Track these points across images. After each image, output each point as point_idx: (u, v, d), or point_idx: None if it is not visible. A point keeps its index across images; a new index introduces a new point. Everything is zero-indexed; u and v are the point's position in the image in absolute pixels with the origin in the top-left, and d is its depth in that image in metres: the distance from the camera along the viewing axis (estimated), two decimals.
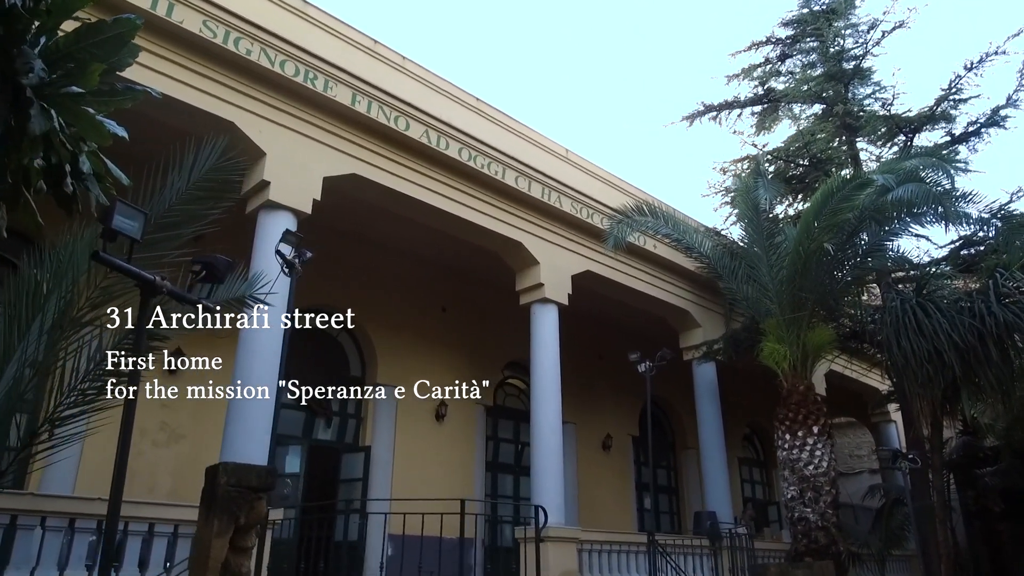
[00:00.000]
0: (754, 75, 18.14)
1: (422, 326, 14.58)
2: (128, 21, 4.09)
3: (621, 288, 14.75)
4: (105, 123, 4.43)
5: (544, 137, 14.01)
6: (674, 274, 15.49)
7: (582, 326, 17.27)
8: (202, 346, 10.56)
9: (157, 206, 4.97)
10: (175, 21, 8.83)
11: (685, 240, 13.14)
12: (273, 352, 9.08)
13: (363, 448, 13.23)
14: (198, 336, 10.60)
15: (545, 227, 13.03)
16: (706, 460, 15.59)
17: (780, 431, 12.12)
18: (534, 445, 12.31)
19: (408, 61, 11.95)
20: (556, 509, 11.79)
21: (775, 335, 12.31)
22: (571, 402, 17.35)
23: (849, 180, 10.89)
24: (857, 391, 21.16)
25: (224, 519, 4.98)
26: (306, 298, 13.12)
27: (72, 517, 7.88)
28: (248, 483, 5.13)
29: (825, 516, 11.39)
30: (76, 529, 7.76)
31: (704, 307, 16.07)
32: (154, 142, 6.45)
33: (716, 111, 18.22)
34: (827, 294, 12.23)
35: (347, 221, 12.95)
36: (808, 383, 12.18)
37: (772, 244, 12.17)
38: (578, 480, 16.80)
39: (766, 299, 12.54)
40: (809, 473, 11.58)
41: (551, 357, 12.69)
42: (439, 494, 13.83)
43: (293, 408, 13.01)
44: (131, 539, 7.75)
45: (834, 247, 11.02)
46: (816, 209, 11.40)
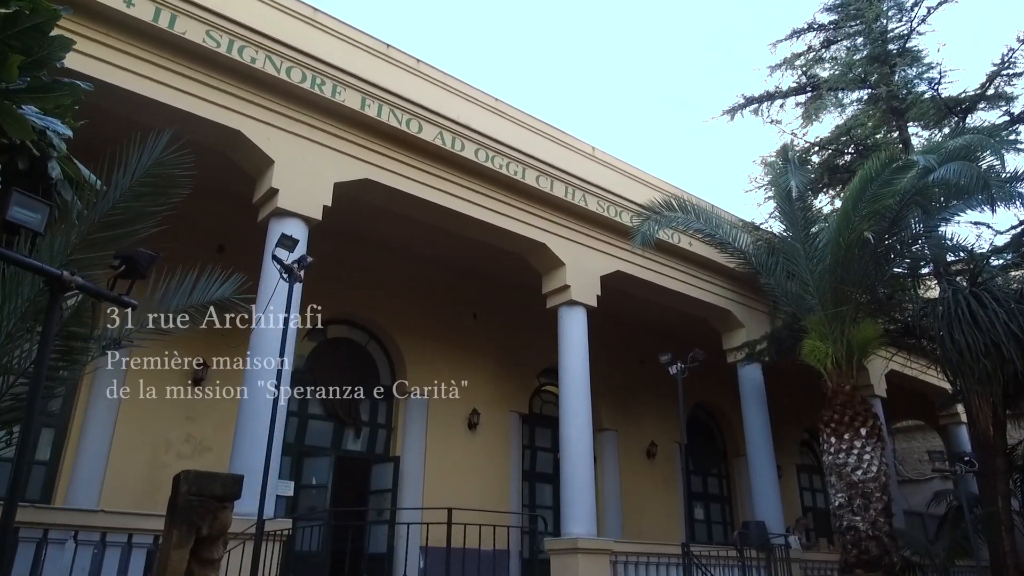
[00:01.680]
0: (797, 64, 17.39)
1: (453, 333, 14.34)
2: (47, 10, 3.96)
3: (656, 288, 14.20)
4: (45, 121, 4.32)
5: (569, 136, 13.65)
6: (713, 272, 14.84)
7: (620, 330, 16.78)
8: (222, 354, 10.59)
9: (101, 205, 4.85)
10: (178, 33, 8.85)
11: (719, 235, 12.52)
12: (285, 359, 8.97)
13: (392, 458, 13.04)
14: (220, 346, 10.73)
15: (570, 227, 12.63)
16: (754, 466, 14.83)
17: (825, 434, 11.39)
18: (563, 453, 11.87)
19: (422, 64, 11.80)
20: (587, 520, 11.32)
21: (817, 332, 11.60)
22: (612, 409, 16.88)
23: (888, 163, 10.14)
24: (922, 391, 19.93)
25: (183, 529, 4.79)
26: (333, 307, 13.07)
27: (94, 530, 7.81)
28: (211, 492, 4.92)
29: (876, 525, 10.60)
30: (107, 543, 7.70)
31: (747, 306, 15.35)
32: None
33: (757, 103, 17.51)
34: (872, 287, 11.45)
35: (372, 229, 12.86)
36: (854, 382, 11.42)
37: (809, 235, 11.48)
38: (621, 490, 16.25)
39: (807, 294, 11.84)
40: (857, 479, 10.81)
41: (580, 361, 12.24)
42: (473, 505, 13.53)
43: (322, 419, 12.95)
44: (135, 551, 7.65)
45: (875, 236, 10.29)
46: (855, 196, 10.69)
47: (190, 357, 11.20)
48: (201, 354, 11.20)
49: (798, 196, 11.37)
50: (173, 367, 11.00)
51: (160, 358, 10.94)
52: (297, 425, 12.58)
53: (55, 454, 10.30)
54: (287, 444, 12.35)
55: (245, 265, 7.93)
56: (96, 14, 8.36)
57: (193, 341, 11.11)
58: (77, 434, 10.35)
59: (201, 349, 11.14)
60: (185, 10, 8.92)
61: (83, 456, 10.21)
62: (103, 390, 10.52)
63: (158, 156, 5.14)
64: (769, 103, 17.65)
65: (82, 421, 10.38)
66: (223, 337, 9.86)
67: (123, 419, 10.56)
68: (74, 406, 10.52)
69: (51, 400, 10.46)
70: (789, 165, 11.41)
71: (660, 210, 12.15)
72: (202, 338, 11.03)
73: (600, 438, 16.67)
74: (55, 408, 10.47)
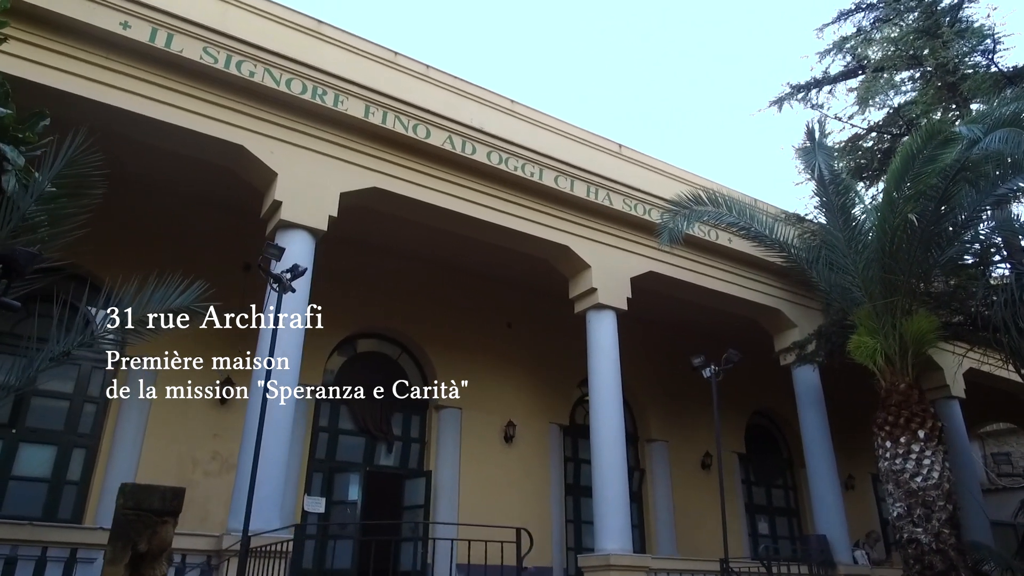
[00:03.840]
0: (846, 48, 16.41)
1: (486, 343, 14.00)
2: None
3: (695, 289, 13.48)
4: None
5: (593, 135, 13.18)
6: (759, 270, 14.00)
7: (665, 335, 16.07)
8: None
9: (13, 211, 4.75)
10: (175, 51, 8.92)
11: (755, 228, 11.73)
12: (290, 372, 8.87)
13: (424, 473, 12.75)
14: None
15: (595, 228, 12.12)
16: (813, 476, 13.81)
17: (879, 438, 10.43)
18: (594, 464, 11.30)
19: (432, 69, 11.60)
20: (621, 535, 10.70)
21: (866, 327, 10.67)
22: (661, 419, 16.15)
23: (930, 137, 9.22)
24: (1009, 391, 18.26)
25: (118, 545, 4.58)
26: (360, 321, 13.02)
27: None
28: (149, 505, 4.71)
29: (941, 537, 9.57)
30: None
31: (799, 304, 14.41)
32: (158, 170, 6.35)
33: (805, 90, 16.60)
34: (926, 275, 10.49)
35: (395, 240, 12.70)
36: (910, 380, 10.42)
37: (848, 221, 10.59)
38: (673, 503, 15.47)
39: (852, 286, 10.94)
40: (917, 486, 9.82)
41: (610, 367, 11.68)
42: (511, 520, 13.07)
43: (353, 434, 12.81)
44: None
45: (919, 218, 9.38)
46: (897, 176, 9.80)
47: (217, 375, 11.27)
48: (228, 371, 11.23)
49: (830, 179, 10.49)
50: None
51: (186, 376, 11.13)
52: (327, 441, 12.47)
53: (86, 474, 10.47)
54: (318, 460, 12.30)
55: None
56: (93, 38, 8.50)
57: (221, 358, 11.25)
58: (107, 453, 10.50)
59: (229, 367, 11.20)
60: (182, 29, 8.99)
61: (111, 475, 10.32)
62: (131, 409, 10.70)
63: (70, 156, 5.02)
64: (817, 90, 16.72)
65: (111, 441, 10.53)
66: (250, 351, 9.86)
67: (150, 438, 10.66)
68: (104, 426, 10.70)
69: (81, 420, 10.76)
70: (812, 144, 10.55)
71: (689, 204, 11.48)
72: (227, 353, 11.17)
73: (649, 449, 15.99)
74: (86, 429, 10.69)
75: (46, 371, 5.71)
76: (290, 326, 8.78)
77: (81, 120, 8.75)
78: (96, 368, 10.99)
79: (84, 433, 10.65)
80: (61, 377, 10.67)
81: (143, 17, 8.74)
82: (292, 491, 11.53)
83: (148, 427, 10.66)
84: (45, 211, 4.83)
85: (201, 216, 11.33)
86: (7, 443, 10.05)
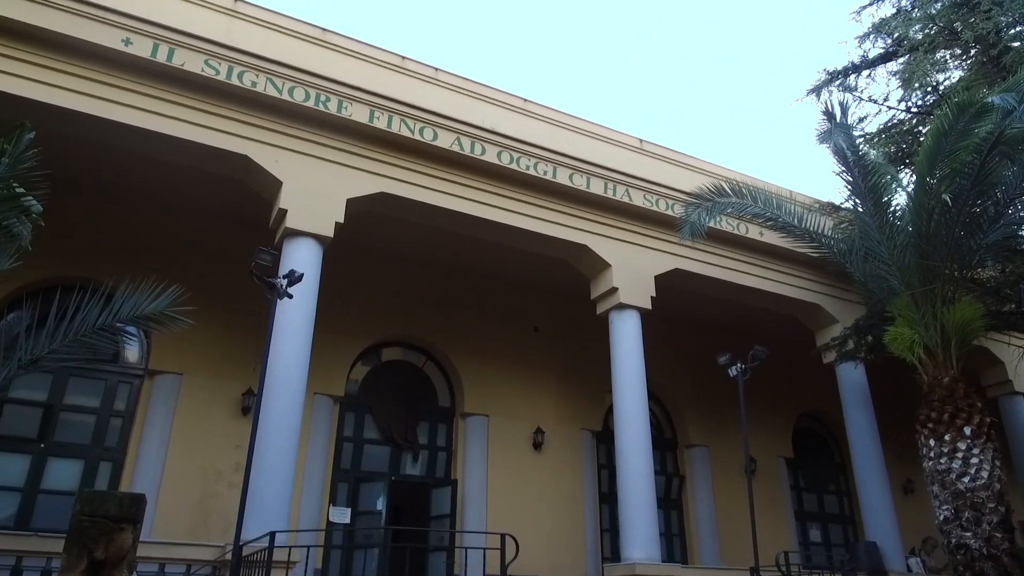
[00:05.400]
0: (886, 29, 15.69)
1: (512, 349, 13.74)
2: None
3: (727, 286, 12.96)
4: None
5: (612, 131, 12.86)
6: (794, 263, 13.35)
7: (701, 335, 15.50)
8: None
9: None
10: (176, 65, 9.03)
11: (782, 219, 11.16)
12: (294, 379, 8.82)
13: (451, 482, 12.53)
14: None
15: (615, 225, 11.77)
16: (861, 480, 13.08)
17: (923, 436, 9.76)
18: (619, 469, 10.93)
19: (441, 72, 11.51)
20: (648, 543, 10.29)
21: (905, 318, 10.02)
22: (700, 423, 15.57)
23: (961, 111, 8.59)
24: None
25: (73, 552, 4.50)
26: (384, 329, 12.94)
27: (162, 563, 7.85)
28: (105, 512, 4.62)
29: (992, 541, 8.84)
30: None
31: (839, 298, 13.70)
32: (164, 184, 6.40)
33: (843, 76, 15.94)
34: (967, 260, 9.79)
35: (415, 247, 12.59)
36: (954, 373, 9.72)
37: (880, 204, 9.96)
38: (715, 510, 14.84)
39: (888, 275, 10.31)
40: (964, 487, 9.11)
41: (634, 369, 11.28)
42: (542, 530, 12.76)
43: (378, 443, 12.70)
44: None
45: (953, 198, 8.74)
46: (930, 154, 9.18)
47: (238, 386, 11.33)
48: (250, 383, 11.26)
49: (855, 160, 9.86)
50: (220, 396, 11.20)
51: (209, 388, 11.23)
52: (352, 450, 12.39)
53: (113, 486, 10.61)
54: (343, 471, 12.22)
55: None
56: (96, 56, 8.65)
57: (243, 370, 11.30)
58: (131, 466, 10.63)
59: (250, 378, 11.23)
60: (183, 42, 9.10)
61: (136, 487, 10.43)
62: (155, 422, 10.83)
63: (18, 153, 5.01)
64: (856, 75, 16.04)
65: (136, 454, 10.67)
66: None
67: (173, 450, 10.75)
68: (130, 439, 10.85)
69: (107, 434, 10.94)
70: (833, 125, 9.95)
71: (711, 196, 11.01)
72: (247, 364, 11.21)
73: (688, 455, 15.44)
74: (112, 442, 10.86)
75: (14, 378, 5.71)
76: (292, 333, 8.72)
77: (86, 136, 9.00)
78: (123, 382, 11.19)
79: (111, 447, 10.81)
80: (87, 392, 10.91)
81: (144, 33, 8.87)
82: (316, 501, 11.50)
83: (172, 439, 10.76)
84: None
85: (215, 228, 11.37)
86: (36, 458, 10.27)
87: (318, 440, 11.75)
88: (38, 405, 10.40)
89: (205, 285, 10.91)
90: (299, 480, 11.44)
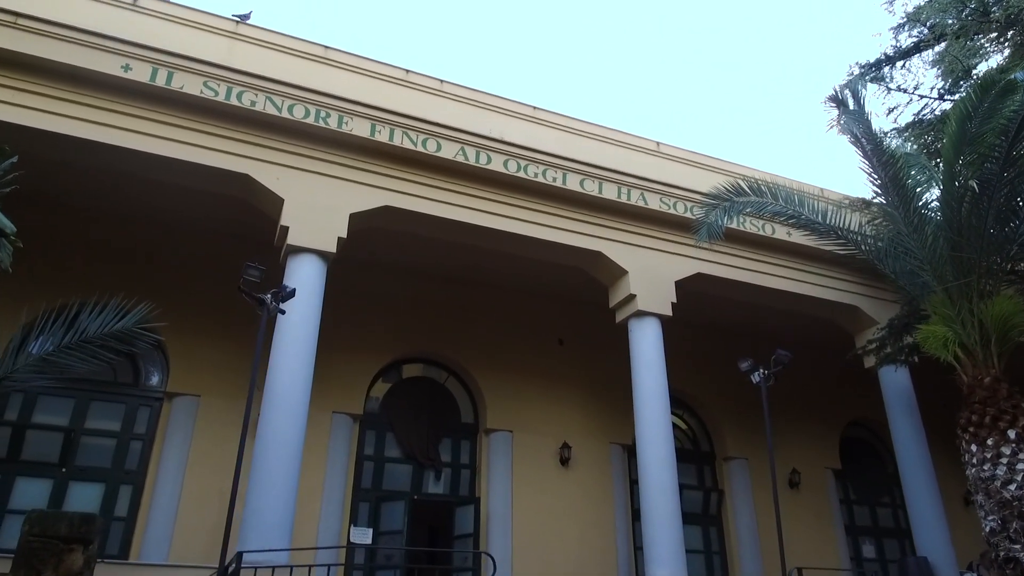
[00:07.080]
0: (921, 18, 15.02)
1: (536, 362, 13.43)
2: None
3: (755, 289, 12.42)
4: None
5: (628, 135, 12.56)
6: (828, 264, 12.71)
7: (735, 342, 14.83)
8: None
9: None
10: (175, 88, 9.13)
11: (805, 216, 10.61)
12: (295, 396, 8.73)
13: (473, 500, 12.25)
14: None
15: (630, 231, 11.41)
16: (910, 491, 12.29)
17: (964, 440, 9.08)
18: (641, 484, 10.47)
19: (447, 84, 11.41)
20: (673, 560, 9.81)
21: (940, 315, 9.38)
22: (738, 434, 14.95)
23: (984, 91, 8.02)
24: None
25: (20, 573, 4.41)
26: (403, 346, 12.81)
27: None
28: (56, 532, 4.53)
29: None
30: None
31: (878, 299, 12.98)
32: (171, 204, 6.42)
33: (876, 68, 15.30)
34: (1005, 250, 9.13)
35: (430, 262, 12.44)
36: (996, 372, 9.02)
37: (904, 192, 9.36)
38: (758, 525, 14.15)
39: (920, 270, 9.68)
40: (1011, 495, 8.40)
41: (655, 378, 10.84)
42: (570, 549, 12.36)
43: (400, 461, 12.51)
44: None
45: (980, 184, 8.14)
46: (955, 139, 8.60)
47: (257, 407, 11.31)
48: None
49: (872, 148, 9.27)
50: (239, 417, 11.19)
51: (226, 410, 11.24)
52: (373, 469, 12.23)
53: (132, 509, 10.67)
54: (363, 490, 12.08)
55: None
56: (97, 83, 8.81)
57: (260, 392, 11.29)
58: (150, 489, 10.69)
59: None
60: (182, 66, 9.21)
61: (155, 511, 10.49)
62: (173, 445, 10.88)
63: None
64: (891, 66, 15.39)
65: (155, 476, 10.73)
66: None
67: (191, 472, 10.76)
68: (149, 462, 10.92)
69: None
70: (842, 110, 9.38)
71: (729, 196, 10.55)
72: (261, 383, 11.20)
73: (727, 468, 14.82)
74: (132, 465, 10.95)
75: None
76: (294, 350, 8.65)
77: (94, 162, 9.15)
78: (143, 405, 11.31)
79: (131, 470, 10.90)
80: (109, 416, 11.05)
81: (143, 58, 9.01)
82: (336, 521, 11.36)
83: (189, 462, 10.78)
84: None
85: (225, 249, 11.39)
86: (58, 482, 10.41)
87: (337, 459, 11.63)
88: (59, 430, 10.58)
89: (220, 307, 11.03)
90: (318, 500, 11.37)
